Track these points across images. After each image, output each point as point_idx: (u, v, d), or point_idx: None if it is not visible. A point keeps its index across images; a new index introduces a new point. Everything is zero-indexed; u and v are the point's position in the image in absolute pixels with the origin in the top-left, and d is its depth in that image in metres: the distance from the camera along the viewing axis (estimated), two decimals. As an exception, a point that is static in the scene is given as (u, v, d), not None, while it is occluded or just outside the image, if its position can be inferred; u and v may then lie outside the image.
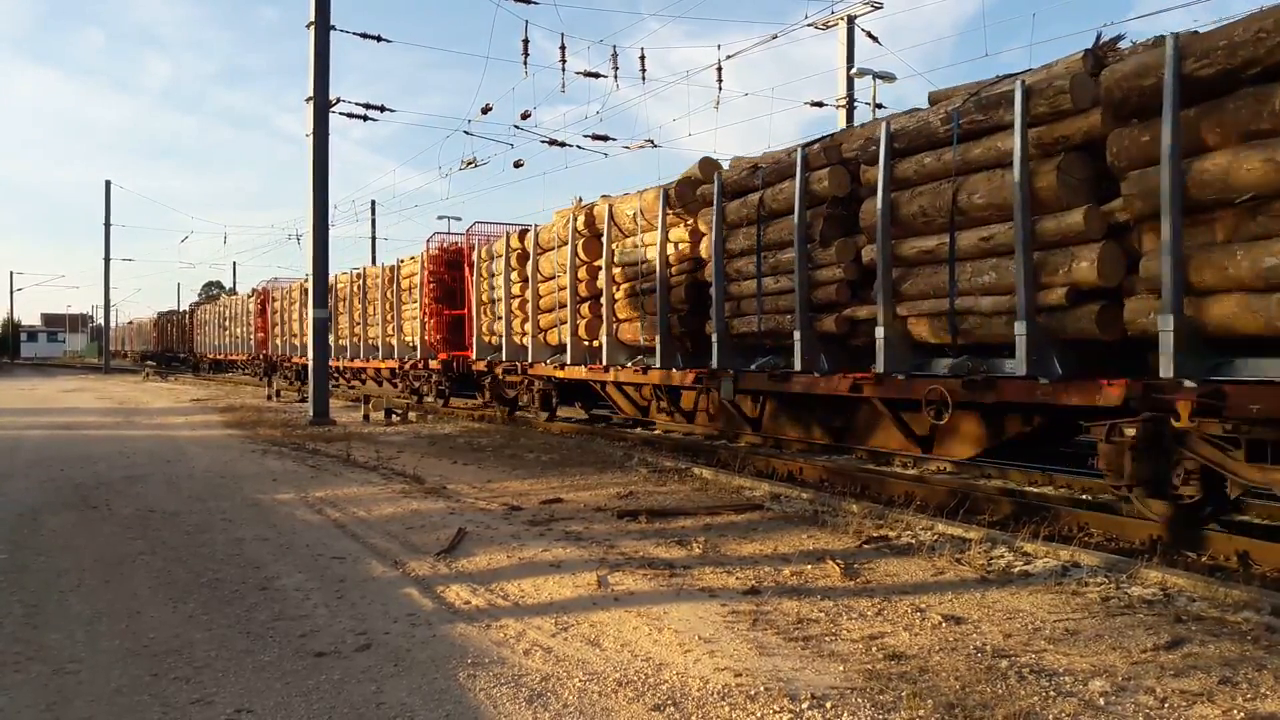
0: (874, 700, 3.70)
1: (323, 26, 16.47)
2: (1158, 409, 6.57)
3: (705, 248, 11.66)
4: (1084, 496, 8.72)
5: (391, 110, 19.04)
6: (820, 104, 23.28)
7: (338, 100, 17.24)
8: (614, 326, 13.60)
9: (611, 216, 13.54)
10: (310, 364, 17.42)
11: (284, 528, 7.31)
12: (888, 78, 23.59)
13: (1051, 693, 3.78)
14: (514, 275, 16.71)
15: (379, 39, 17.62)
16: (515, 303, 16.70)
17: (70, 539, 6.93)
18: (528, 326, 16.14)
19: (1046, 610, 4.93)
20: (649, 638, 4.54)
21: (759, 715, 3.59)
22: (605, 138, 20.77)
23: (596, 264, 13.95)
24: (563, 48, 17.85)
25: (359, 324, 26.35)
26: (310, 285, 17.68)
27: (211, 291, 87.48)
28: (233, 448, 13.04)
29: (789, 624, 4.72)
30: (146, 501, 8.49)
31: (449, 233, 21.65)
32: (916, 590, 5.37)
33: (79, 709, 3.76)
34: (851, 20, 22.11)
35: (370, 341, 25.50)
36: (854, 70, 22.47)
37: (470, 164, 21.87)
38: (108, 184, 48.95)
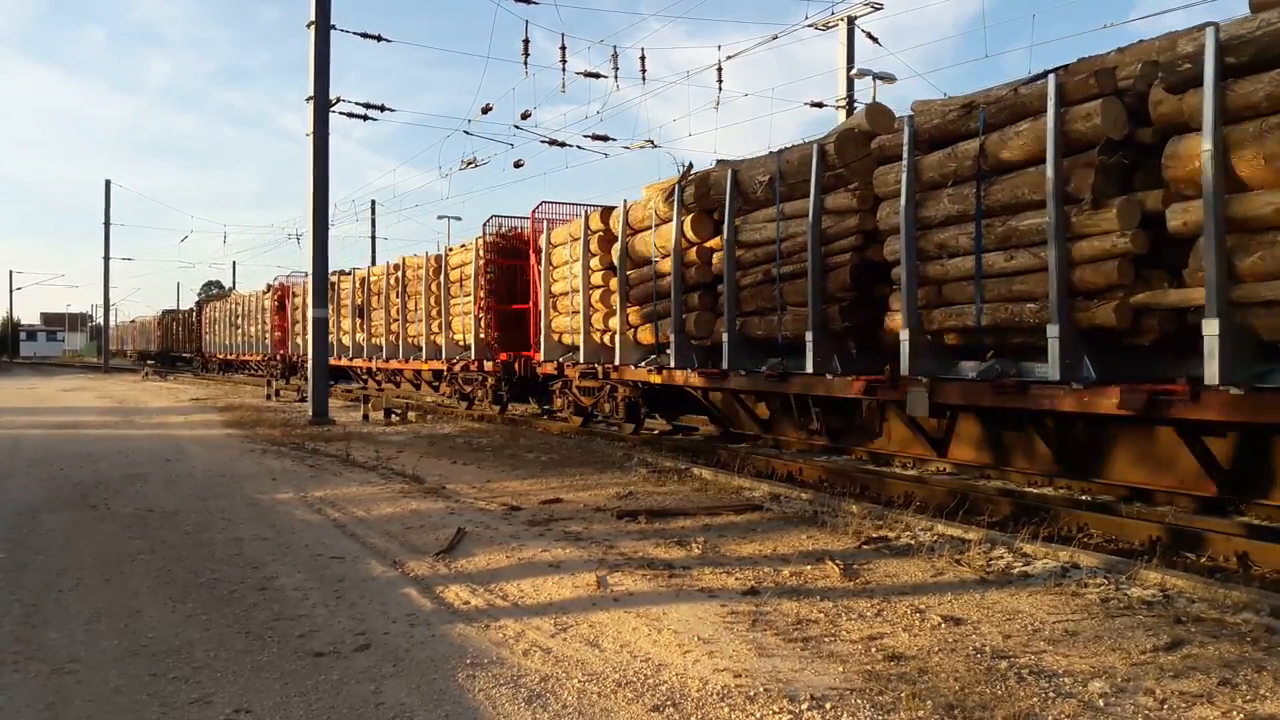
0: (873, 701, 3.70)
1: (323, 26, 16.47)
2: None
3: (884, 218, 8.94)
4: (1084, 497, 8.72)
5: (392, 110, 19.12)
6: (820, 104, 23.31)
7: (338, 100, 17.24)
8: (737, 322, 10.90)
9: (736, 184, 10.80)
10: (310, 364, 17.41)
11: (283, 527, 7.30)
12: (888, 79, 23.56)
13: (1051, 694, 3.78)
14: (594, 262, 14.06)
15: (379, 39, 17.63)
16: (596, 294, 14.05)
17: (69, 538, 6.93)
18: (613, 322, 13.50)
19: (1046, 611, 4.92)
20: (648, 638, 4.53)
21: (758, 716, 3.59)
22: (605, 138, 20.80)
23: (710, 244, 11.37)
24: (563, 48, 17.88)
25: (397, 321, 23.52)
26: (310, 285, 17.68)
27: (211, 291, 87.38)
28: (232, 447, 13.03)
29: (788, 625, 4.71)
30: (146, 501, 8.49)
31: (508, 216, 18.64)
32: (916, 591, 5.36)
33: (78, 709, 3.76)
34: (852, 21, 22.10)
35: (411, 340, 22.81)
36: (854, 71, 22.46)
37: (470, 164, 21.89)
38: (107, 183, 49.10)
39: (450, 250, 20.57)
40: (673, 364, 11.90)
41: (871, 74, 23.32)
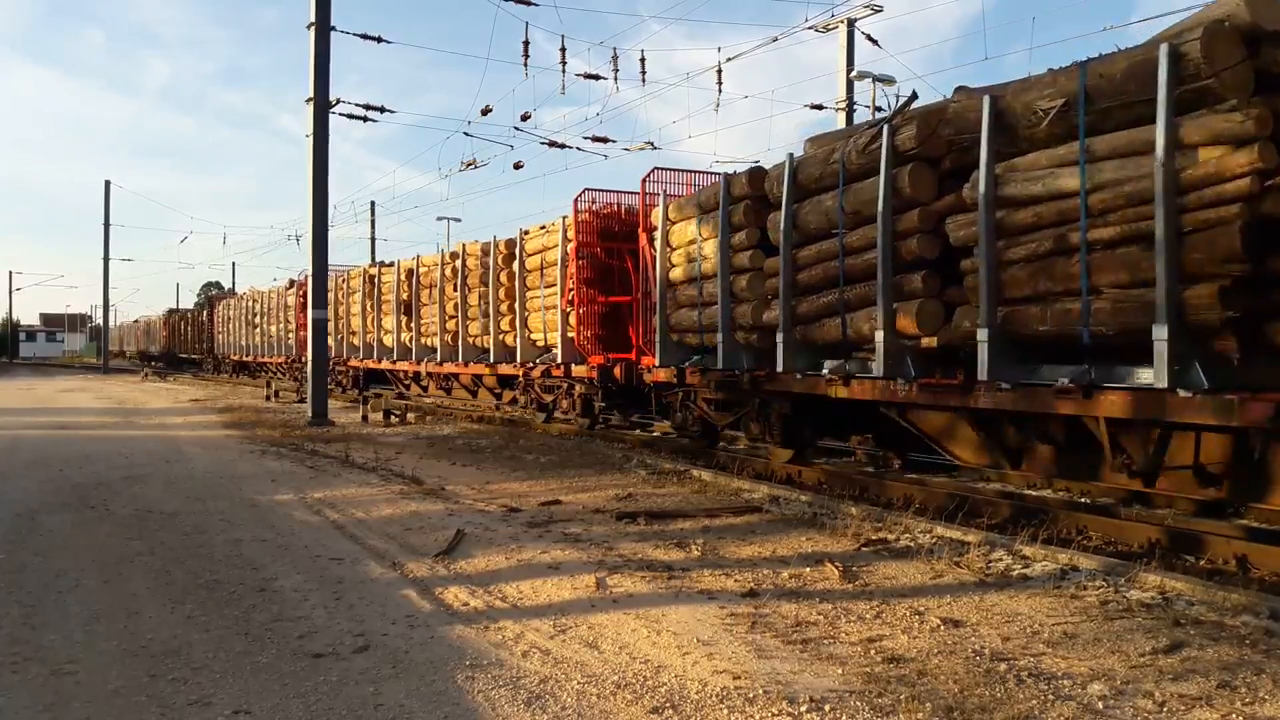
0: (872, 703, 3.70)
1: (323, 27, 16.47)
2: None
3: None
4: (1083, 500, 8.73)
5: (391, 111, 18.97)
6: (820, 106, 23.32)
7: (338, 101, 17.24)
8: (997, 312, 7.46)
9: (997, 117, 7.41)
10: (310, 365, 17.39)
11: (282, 528, 7.30)
12: (888, 81, 23.60)
13: (1050, 696, 3.78)
14: (739, 238, 10.55)
15: (379, 40, 17.62)
16: (742, 280, 10.51)
17: (68, 539, 6.92)
18: (769, 316, 10.08)
19: (1045, 613, 4.93)
20: (647, 640, 4.53)
21: (757, 718, 3.59)
22: (605, 139, 20.77)
23: (937, 206, 8.18)
24: (563, 49, 17.88)
25: (454, 318, 19.99)
26: (310, 286, 17.66)
27: (211, 292, 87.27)
28: (231, 448, 13.03)
29: (787, 626, 4.72)
30: (145, 502, 8.49)
31: (604, 189, 15.46)
32: (915, 593, 5.37)
33: (77, 710, 3.76)
34: (851, 23, 22.12)
35: (472, 340, 19.27)
36: (854, 73, 22.48)
37: (470, 165, 21.86)
38: (107, 184, 48.96)
39: (526, 233, 17.22)
40: (879, 371, 8.53)
41: (872, 76, 23.36)
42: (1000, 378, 7.56)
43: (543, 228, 16.66)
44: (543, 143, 20.89)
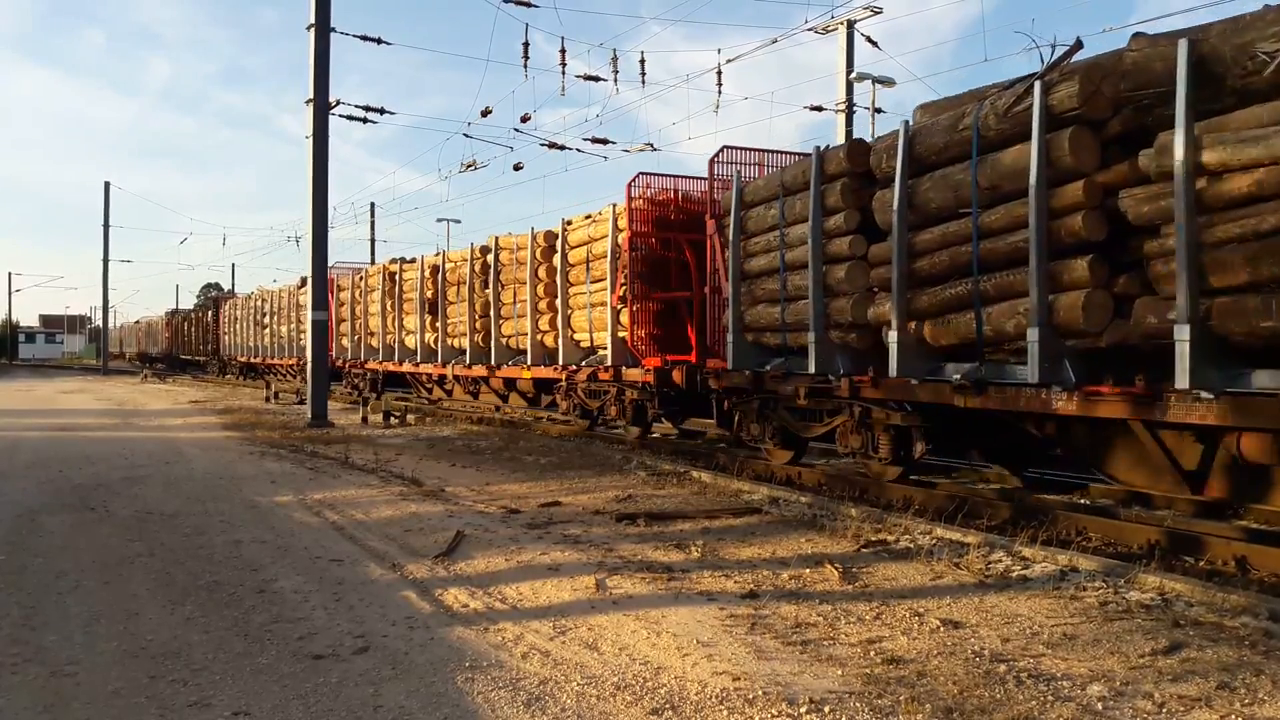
0: (872, 704, 3.70)
1: (323, 28, 16.49)
2: None
3: None
4: (1082, 501, 8.73)
5: (391, 113, 18.94)
6: (820, 108, 23.35)
7: (338, 102, 17.27)
8: (1200, 306, 6.09)
9: (1198, 65, 6.08)
10: (310, 366, 17.39)
11: (282, 530, 7.31)
12: (887, 82, 23.64)
13: (1049, 697, 3.78)
14: (835, 221, 9.17)
15: (379, 41, 17.67)
16: (838, 271, 9.09)
17: (68, 540, 6.92)
18: (875, 312, 8.71)
19: (1045, 615, 4.93)
20: (647, 641, 4.54)
21: (757, 719, 3.59)
22: (605, 141, 20.80)
23: (1103, 178, 6.84)
24: (563, 50, 17.90)
25: (485, 317, 18.51)
26: (310, 287, 17.66)
27: (211, 293, 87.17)
28: (231, 449, 13.03)
29: (787, 628, 4.72)
30: (145, 503, 8.49)
31: (662, 174, 13.91)
32: (915, 594, 5.37)
33: (77, 711, 3.76)
34: (851, 25, 22.15)
35: (507, 341, 17.84)
36: (853, 75, 22.51)
37: (470, 166, 21.90)
38: (107, 185, 49.01)
39: (569, 223, 15.68)
40: (1032, 376, 7.13)
41: (871, 78, 23.39)
42: (1204, 384, 6.14)
43: (588, 217, 15.07)
44: (542, 144, 20.94)
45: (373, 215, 49.27)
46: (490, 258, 18.18)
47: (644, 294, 13.42)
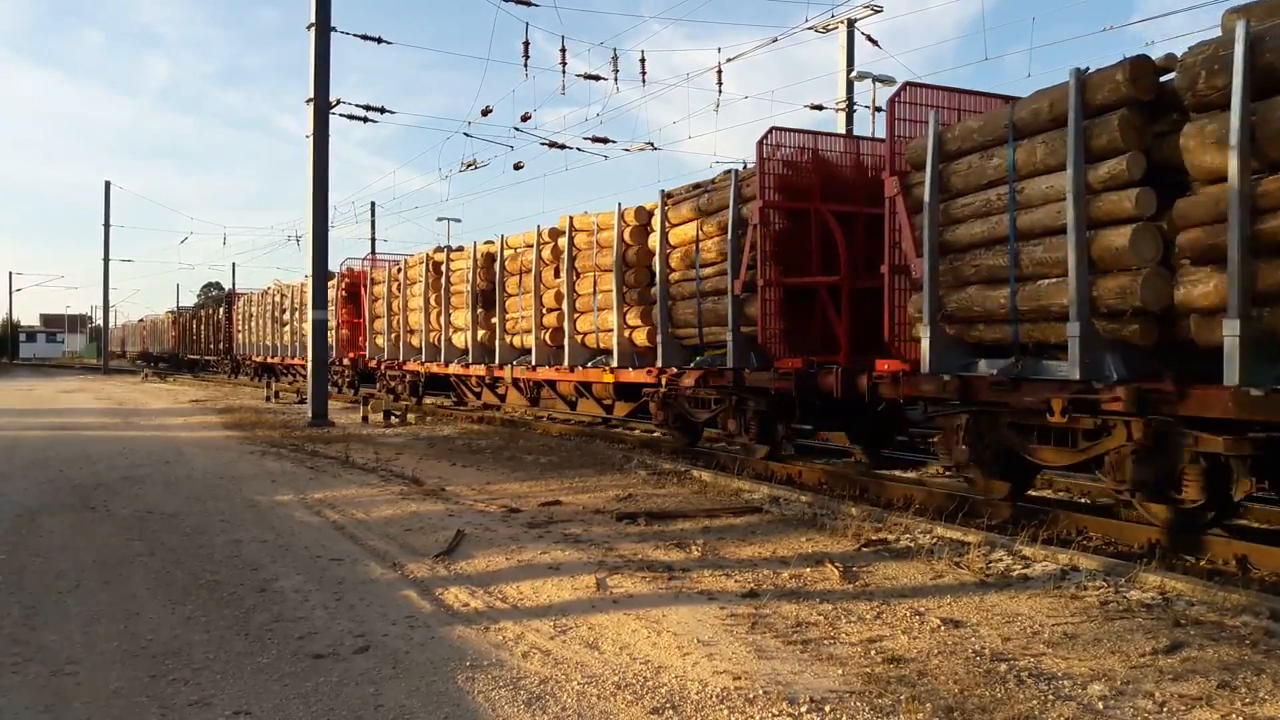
0: (872, 704, 3.70)
1: (323, 28, 16.49)
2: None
3: None
4: (1083, 500, 8.73)
5: (391, 112, 18.90)
6: (820, 107, 23.33)
7: (338, 102, 17.26)
8: None
9: None
10: (309, 365, 17.39)
11: (282, 529, 7.30)
12: (888, 81, 23.60)
13: (1050, 696, 3.78)
14: (1111, 169, 6.77)
15: (379, 40, 17.66)
16: (1117, 237, 6.71)
17: (69, 540, 6.92)
18: (1193, 289, 6.33)
19: (1045, 614, 4.93)
20: (648, 640, 4.54)
21: (758, 718, 3.59)
22: (605, 140, 20.79)
23: None
24: (563, 50, 17.89)
25: (553, 311, 15.87)
26: (310, 286, 17.67)
27: (211, 292, 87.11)
28: (231, 449, 13.03)
29: (788, 627, 4.72)
30: (145, 503, 8.49)
31: (798, 130, 11.18)
32: (915, 593, 5.37)
33: (77, 710, 3.76)
34: (852, 23, 22.14)
35: (580, 339, 15.09)
36: (854, 73, 22.51)
37: (470, 166, 21.89)
38: (107, 185, 49.03)
39: (670, 195, 12.87)
40: None
41: (871, 76, 23.40)
42: None
43: (697, 186, 12.54)
44: (543, 143, 20.93)
45: (373, 215, 49.24)
46: (563, 241, 15.25)
47: (777, 280, 10.72)
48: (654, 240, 13.11)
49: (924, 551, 6.33)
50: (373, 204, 50.32)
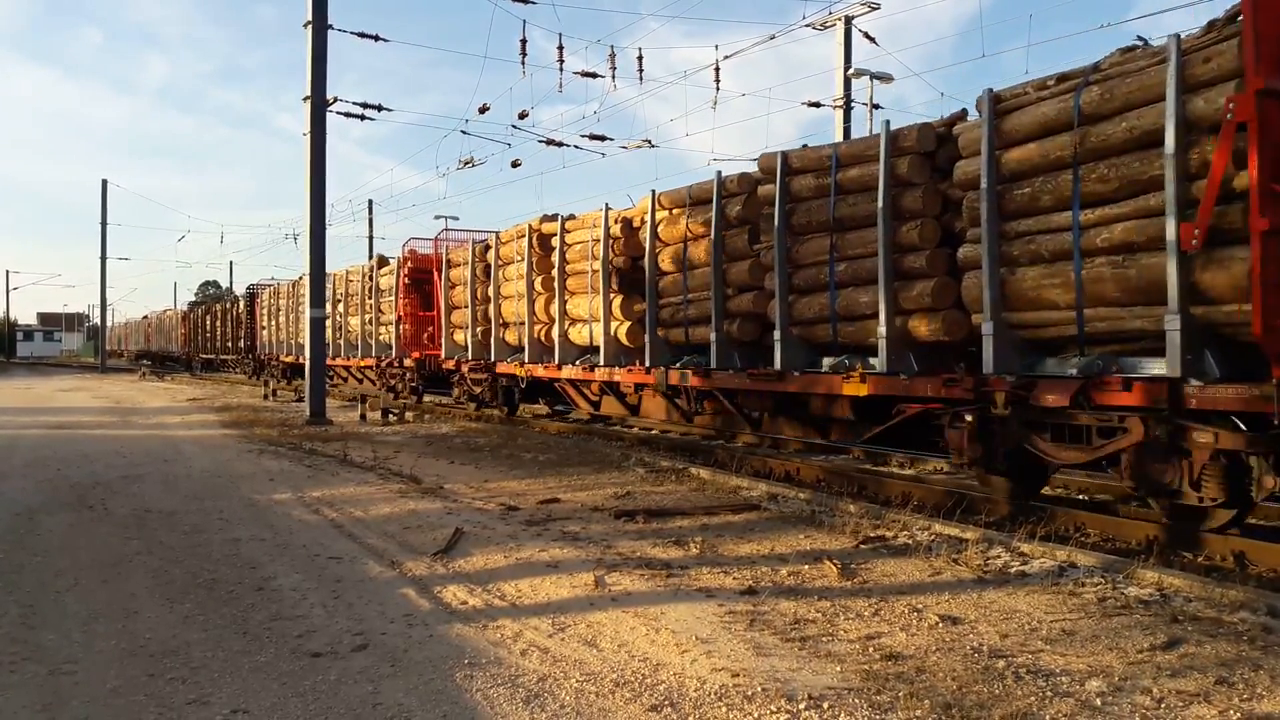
0: (871, 700, 3.70)
1: (320, 26, 16.46)
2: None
3: None
4: (1081, 497, 8.74)
5: (389, 110, 18.78)
6: (818, 104, 23.32)
7: (335, 100, 17.23)
8: None
9: None
10: (308, 364, 17.38)
11: (280, 528, 7.30)
12: (885, 78, 23.59)
13: (1048, 693, 3.79)
14: None
15: (376, 38, 17.61)
16: None
17: (66, 539, 6.92)
18: None
19: (1043, 610, 4.93)
20: (646, 638, 4.54)
21: (756, 715, 3.59)
22: (603, 138, 20.77)
23: None
24: (560, 47, 17.85)
25: (745, 291, 11.01)
26: (309, 285, 17.63)
27: (209, 291, 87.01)
28: (229, 447, 13.02)
29: (786, 624, 4.72)
30: (143, 501, 8.48)
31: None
32: (913, 590, 5.37)
33: (75, 709, 3.76)
34: (849, 21, 22.13)
35: (805, 332, 10.03)
36: (851, 71, 22.48)
37: (468, 163, 21.85)
38: (104, 183, 49.09)
39: (1006, 99, 7.61)
40: None
41: (869, 74, 23.34)
42: None
43: (1063, 78, 7.25)
44: (540, 141, 20.90)
45: (370, 213, 49.22)
46: (771, 190, 10.13)
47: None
48: (982, 164, 7.69)
49: (922, 548, 6.33)
50: (370, 202, 50.26)
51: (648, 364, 12.76)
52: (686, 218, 12.05)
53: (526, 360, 16.10)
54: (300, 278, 31.15)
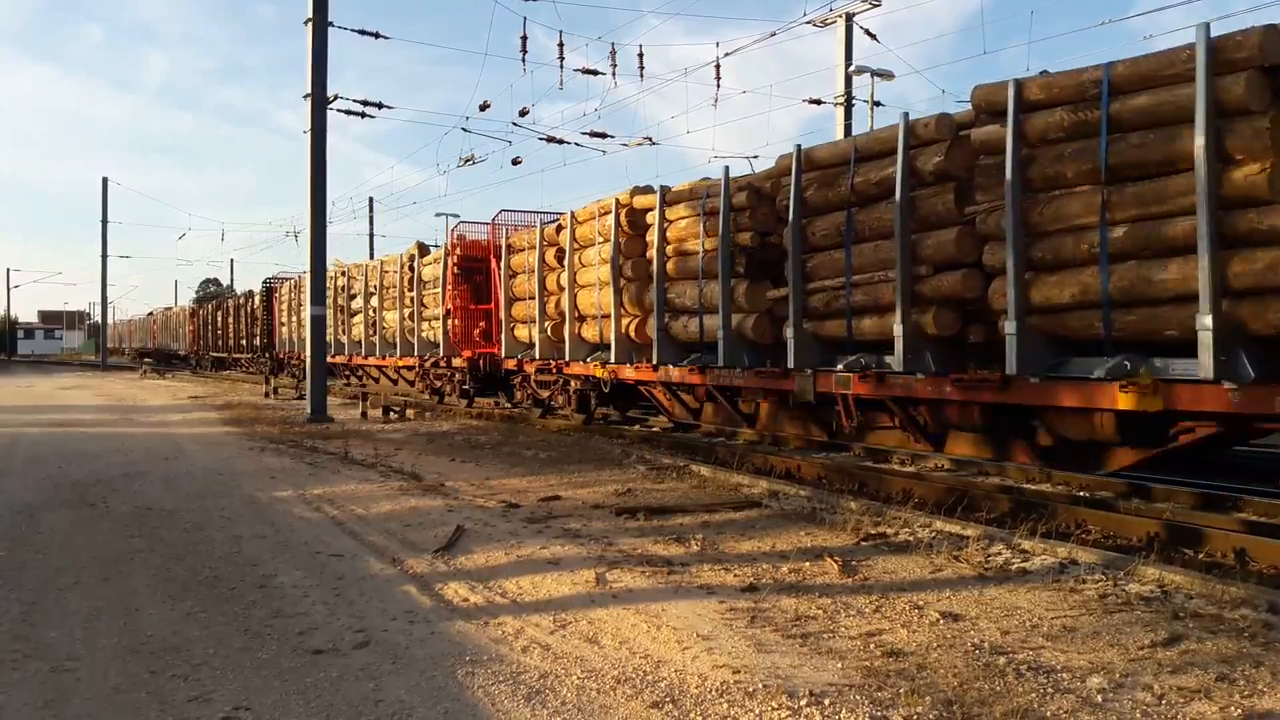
0: (872, 697, 3.70)
1: (320, 23, 16.45)
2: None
3: None
4: (1082, 494, 8.73)
5: (389, 107, 18.70)
6: (819, 101, 23.28)
7: (336, 97, 17.22)
8: None
9: None
10: (308, 361, 17.38)
11: (282, 525, 7.31)
12: (886, 75, 23.57)
13: (1049, 689, 3.79)
14: None
15: (377, 35, 17.60)
16: None
17: (68, 537, 6.92)
18: None
19: (1044, 607, 4.93)
20: (647, 635, 4.54)
21: (757, 712, 3.59)
22: (603, 135, 20.71)
23: None
24: (561, 44, 17.82)
25: (963, 271, 8.79)
26: (309, 283, 17.62)
27: (210, 288, 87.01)
28: (230, 445, 13.03)
29: (787, 621, 4.72)
30: (144, 499, 8.48)
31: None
32: (914, 587, 5.37)
33: (77, 707, 3.76)
34: (850, 18, 22.11)
35: (1063, 324, 7.97)
36: (852, 68, 22.46)
37: (468, 161, 21.82)
38: (105, 181, 49.16)
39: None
40: None
41: (870, 71, 23.32)
42: None
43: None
44: (541, 138, 20.85)
45: (371, 210, 49.26)
46: (992, 133, 8.20)
47: None
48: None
49: (923, 545, 6.33)
50: (371, 199, 50.26)
51: (791, 364, 10.34)
52: (851, 174, 9.28)
53: (613, 359, 13.84)
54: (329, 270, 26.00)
